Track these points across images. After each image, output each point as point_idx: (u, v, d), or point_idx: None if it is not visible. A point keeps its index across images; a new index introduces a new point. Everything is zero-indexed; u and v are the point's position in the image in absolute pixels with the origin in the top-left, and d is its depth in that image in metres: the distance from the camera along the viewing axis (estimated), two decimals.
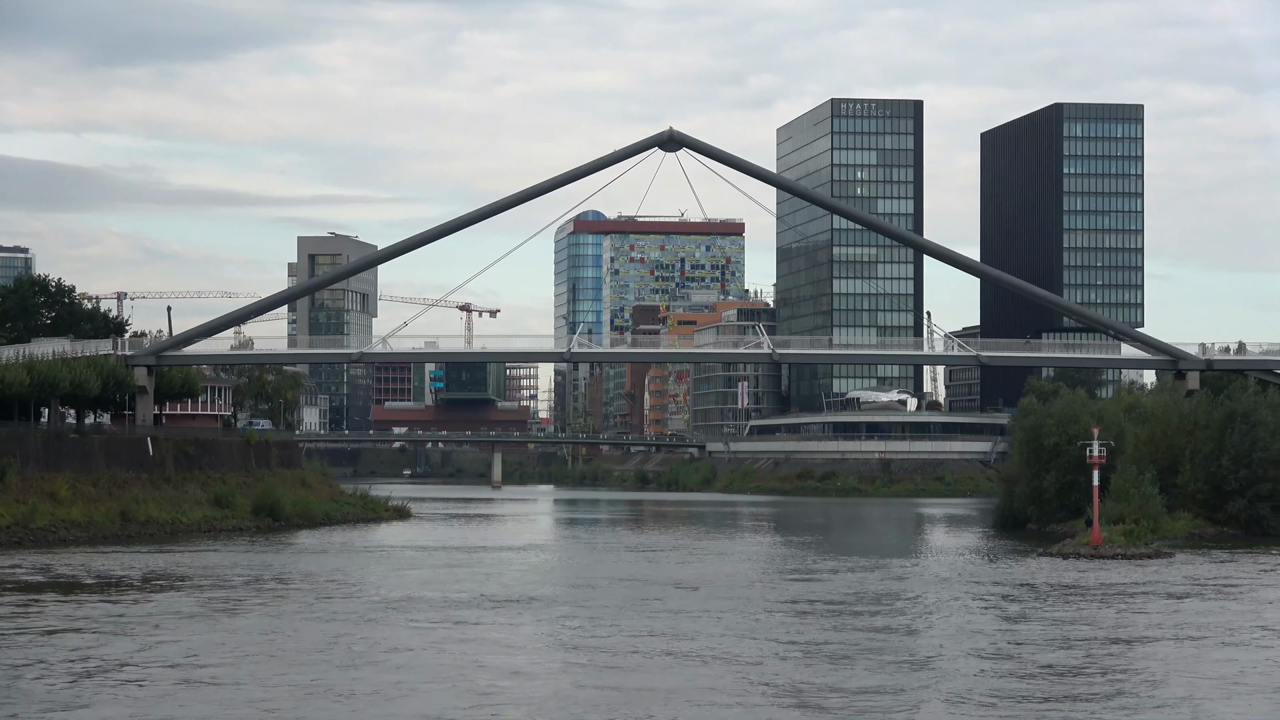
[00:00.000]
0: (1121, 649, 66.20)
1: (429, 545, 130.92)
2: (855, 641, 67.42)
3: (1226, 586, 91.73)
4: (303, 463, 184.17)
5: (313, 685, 55.73)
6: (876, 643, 67.09)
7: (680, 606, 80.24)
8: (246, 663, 60.32)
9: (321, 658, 61.95)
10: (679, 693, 54.37)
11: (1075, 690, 56.23)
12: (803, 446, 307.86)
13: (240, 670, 58.72)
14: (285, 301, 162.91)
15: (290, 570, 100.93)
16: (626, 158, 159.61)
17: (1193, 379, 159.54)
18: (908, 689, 55.87)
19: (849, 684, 56.47)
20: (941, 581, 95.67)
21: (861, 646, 65.82)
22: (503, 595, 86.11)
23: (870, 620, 75.10)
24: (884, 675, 58.47)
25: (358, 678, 57.32)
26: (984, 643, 67.56)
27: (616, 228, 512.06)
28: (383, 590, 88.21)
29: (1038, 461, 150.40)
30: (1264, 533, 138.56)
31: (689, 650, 64.06)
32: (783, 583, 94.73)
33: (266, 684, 55.86)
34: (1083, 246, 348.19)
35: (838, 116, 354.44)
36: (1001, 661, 62.36)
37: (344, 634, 68.54)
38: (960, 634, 70.52)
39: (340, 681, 56.56)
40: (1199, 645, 67.55)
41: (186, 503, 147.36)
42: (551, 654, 64.80)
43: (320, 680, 56.73)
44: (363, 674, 58.15)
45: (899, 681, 57.19)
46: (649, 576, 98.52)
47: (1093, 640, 68.42)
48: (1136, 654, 65.04)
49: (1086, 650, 65.51)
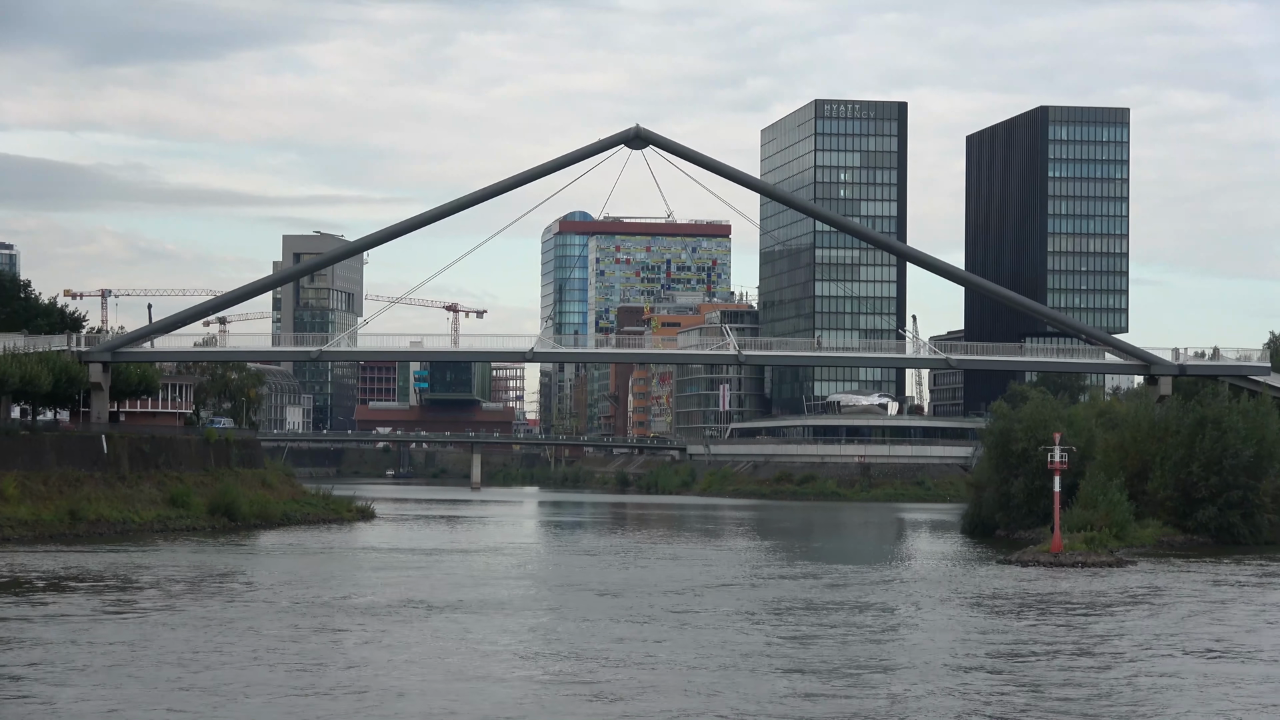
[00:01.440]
0: (1046, 663, 63.80)
1: (377, 547, 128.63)
2: (772, 653, 65.12)
3: (1175, 598, 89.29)
4: (265, 462, 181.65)
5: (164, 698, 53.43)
6: (792, 653, 64.77)
7: (594, 615, 77.92)
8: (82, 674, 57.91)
9: (181, 670, 59.56)
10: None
11: (989, 709, 53.95)
12: (782, 450, 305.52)
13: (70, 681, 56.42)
14: (246, 298, 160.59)
15: (211, 570, 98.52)
16: (592, 155, 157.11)
17: (1165, 384, 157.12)
18: (814, 702, 53.59)
19: (748, 699, 54.18)
20: (886, 589, 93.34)
21: (775, 658, 63.52)
22: (424, 600, 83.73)
23: (794, 629, 72.77)
24: (790, 689, 56.16)
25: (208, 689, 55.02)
26: (902, 656, 65.23)
27: (602, 229, 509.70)
28: (284, 594, 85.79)
29: (1006, 467, 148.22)
30: (1234, 541, 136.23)
31: (613, 675, 61.71)
32: (719, 591, 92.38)
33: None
34: (1067, 251, 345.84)
35: (821, 118, 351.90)
36: (906, 672, 60.06)
37: (220, 642, 66.06)
38: (881, 645, 68.19)
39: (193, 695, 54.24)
40: (1132, 661, 65.23)
41: (140, 502, 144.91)
42: (464, 666, 62.43)
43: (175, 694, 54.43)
44: (210, 682, 55.83)
45: (804, 694, 54.93)
46: (585, 583, 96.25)
47: (1016, 655, 66.06)
48: (1067, 668, 62.70)
49: (1008, 664, 63.17)
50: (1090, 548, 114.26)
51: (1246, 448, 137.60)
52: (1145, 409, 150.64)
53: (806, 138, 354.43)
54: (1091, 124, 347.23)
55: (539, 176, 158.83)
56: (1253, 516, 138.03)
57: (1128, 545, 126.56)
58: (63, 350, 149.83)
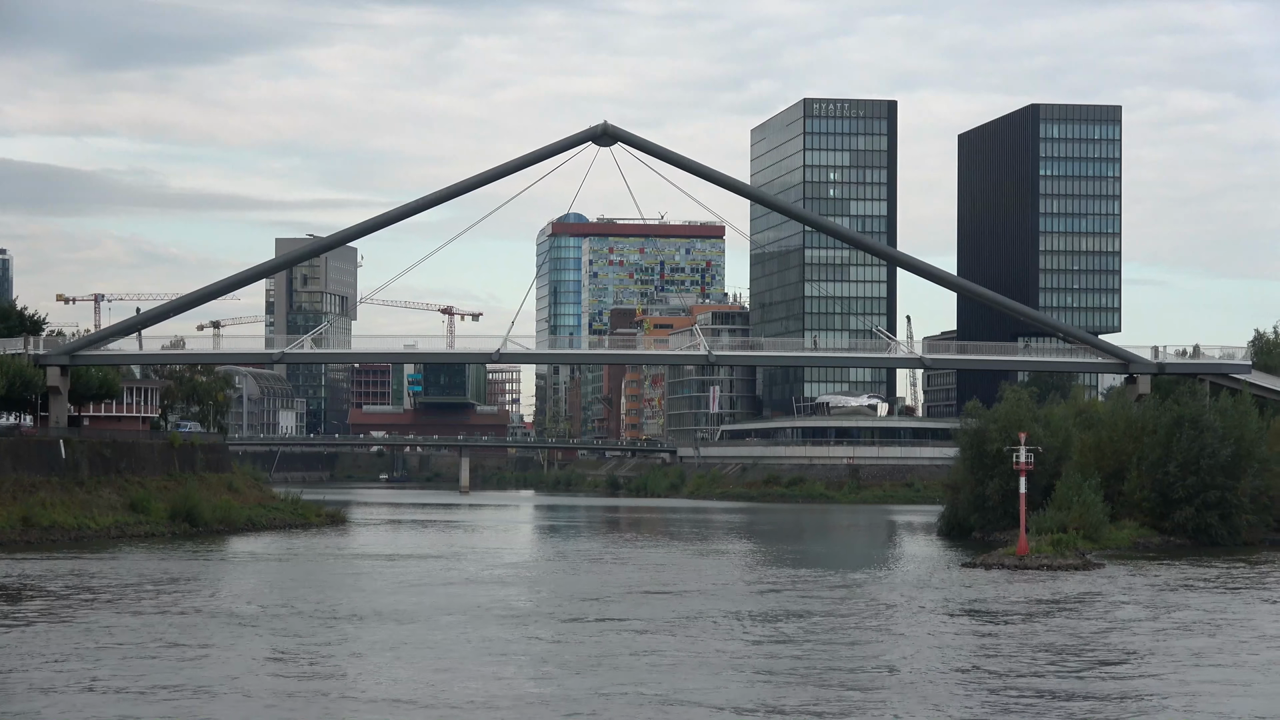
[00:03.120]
0: (965, 673, 61.10)
1: (324, 554, 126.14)
2: (709, 657, 62.53)
3: (1128, 602, 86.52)
4: (233, 467, 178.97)
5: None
6: (731, 659, 62.18)
7: (507, 636, 75.32)
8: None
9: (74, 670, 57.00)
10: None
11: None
12: (770, 452, 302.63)
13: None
14: (209, 298, 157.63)
15: (143, 576, 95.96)
16: (560, 152, 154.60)
17: (1144, 383, 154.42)
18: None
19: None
20: (838, 595, 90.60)
21: (713, 662, 60.91)
22: (347, 611, 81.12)
23: (741, 636, 70.15)
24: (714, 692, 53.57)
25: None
26: (823, 664, 62.57)
27: (595, 230, 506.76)
28: (187, 600, 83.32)
29: (981, 468, 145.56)
30: (1212, 542, 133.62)
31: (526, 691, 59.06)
32: (675, 599, 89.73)
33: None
34: (1058, 250, 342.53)
35: (810, 117, 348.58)
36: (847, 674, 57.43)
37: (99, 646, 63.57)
38: (808, 655, 65.51)
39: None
40: (1074, 669, 62.52)
41: (98, 507, 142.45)
42: (366, 678, 59.81)
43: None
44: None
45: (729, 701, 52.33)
46: (529, 592, 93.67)
47: (944, 661, 63.43)
48: (984, 675, 59.98)
49: (931, 673, 60.49)
50: (1057, 550, 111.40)
51: (1224, 447, 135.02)
52: (1122, 408, 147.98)
53: (795, 137, 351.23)
54: (1083, 122, 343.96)
55: (505, 174, 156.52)
56: (1231, 517, 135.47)
57: (1102, 547, 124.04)
58: (19, 354, 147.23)
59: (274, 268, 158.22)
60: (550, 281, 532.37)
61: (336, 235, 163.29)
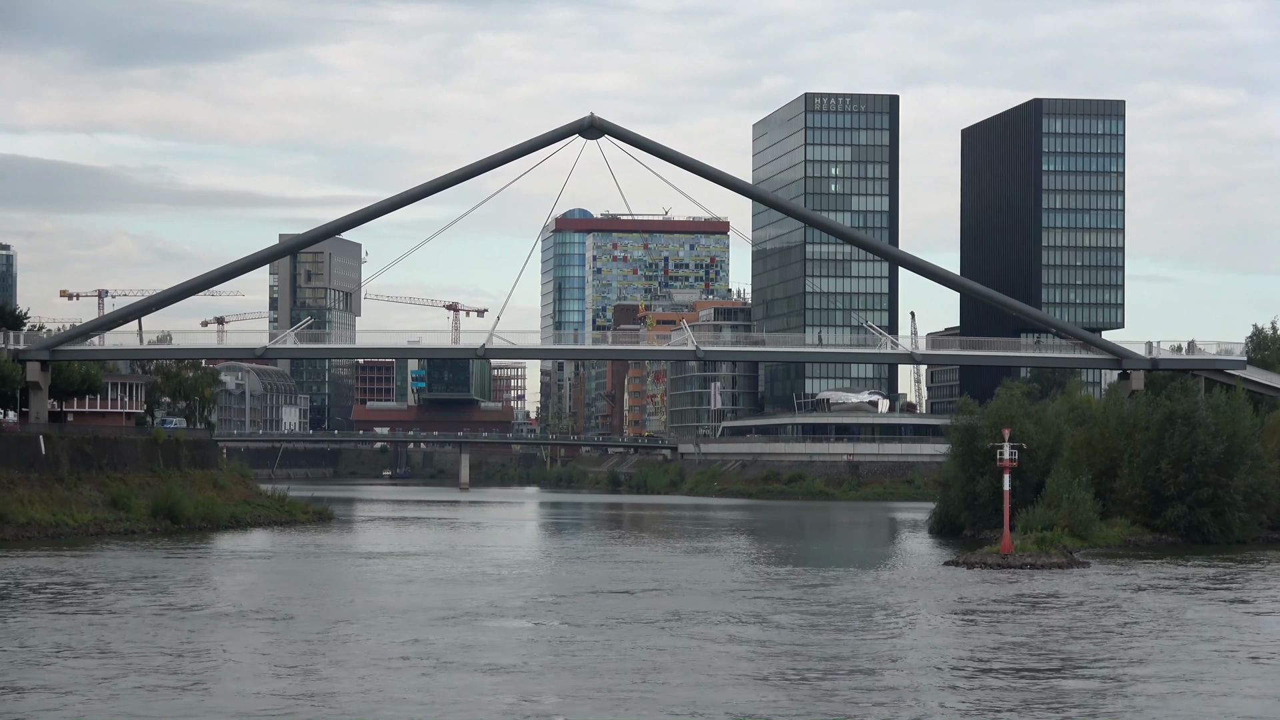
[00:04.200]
0: (913, 677, 59.27)
1: (308, 551, 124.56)
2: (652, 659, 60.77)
3: (1109, 601, 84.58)
4: (220, 463, 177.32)
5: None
6: (667, 659, 60.40)
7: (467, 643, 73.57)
8: None
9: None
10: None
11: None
12: (770, 448, 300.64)
13: None
14: (191, 292, 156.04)
15: (102, 574, 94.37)
16: (546, 145, 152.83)
17: (1138, 379, 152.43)
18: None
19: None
20: (813, 594, 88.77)
21: (656, 664, 59.17)
22: (268, 611, 79.47)
23: (685, 638, 68.38)
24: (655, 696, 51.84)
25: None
26: (777, 668, 60.83)
27: (599, 226, 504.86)
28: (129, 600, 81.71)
29: (972, 465, 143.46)
30: (1205, 540, 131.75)
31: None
32: (637, 599, 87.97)
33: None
34: (1061, 245, 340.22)
35: (811, 112, 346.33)
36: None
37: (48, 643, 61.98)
38: (773, 657, 63.76)
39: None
40: (1034, 670, 60.63)
41: (77, 504, 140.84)
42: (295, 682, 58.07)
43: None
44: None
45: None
46: (457, 605, 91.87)
47: (895, 664, 61.63)
48: (964, 678, 58.20)
49: (880, 676, 58.69)
50: (1041, 548, 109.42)
51: (1217, 444, 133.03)
52: (1114, 404, 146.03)
53: (796, 132, 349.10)
54: (1086, 116, 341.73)
55: (493, 167, 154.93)
56: (1223, 515, 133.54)
57: (1092, 545, 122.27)
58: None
59: (255, 262, 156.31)
60: (555, 278, 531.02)
61: (319, 229, 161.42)
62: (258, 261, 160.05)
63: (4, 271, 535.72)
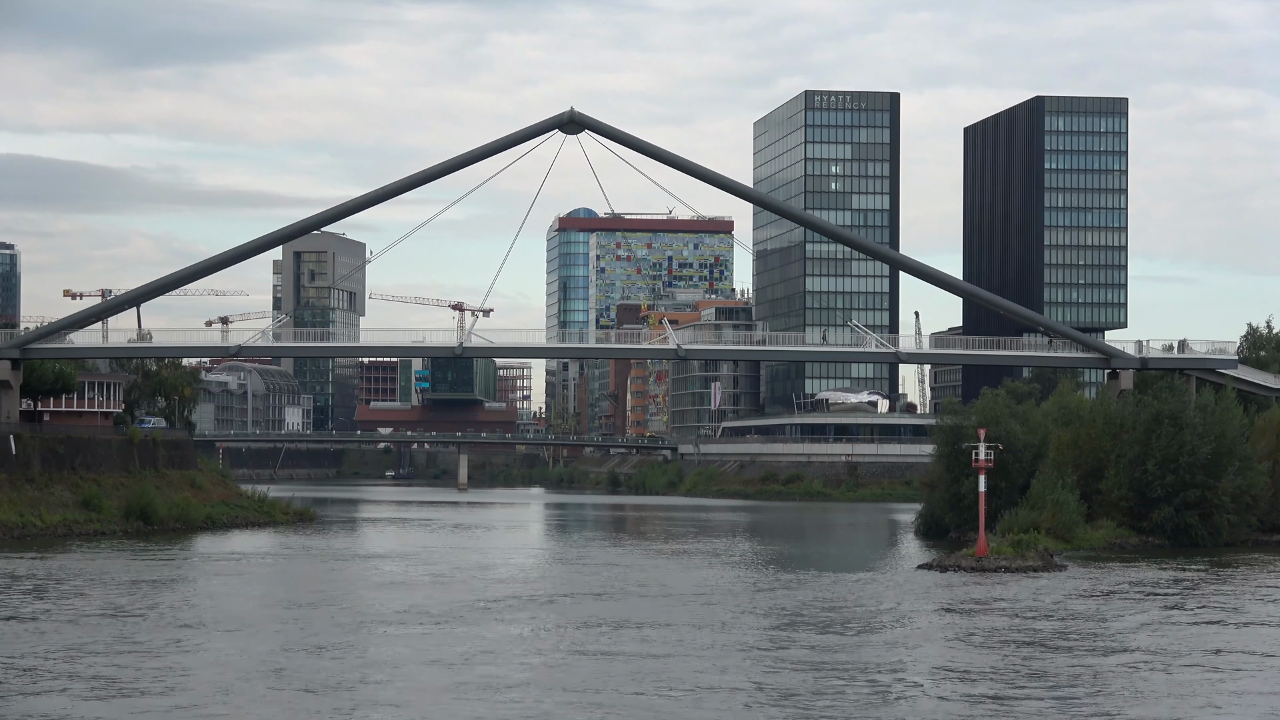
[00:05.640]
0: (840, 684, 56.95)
1: (248, 553, 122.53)
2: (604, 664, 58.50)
3: (1073, 609, 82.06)
4: (200, 463, 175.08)
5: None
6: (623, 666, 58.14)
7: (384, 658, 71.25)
8: None
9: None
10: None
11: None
12: (768, 449, 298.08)
13: None
14: (171, 287, 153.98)
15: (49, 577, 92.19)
16: (526, 139, 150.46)
17: (1127, 378, 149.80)
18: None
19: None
20: (767, 599, 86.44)
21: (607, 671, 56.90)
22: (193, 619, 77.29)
23: (632, 641, 66.10)
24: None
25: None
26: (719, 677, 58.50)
27: (603, 225, 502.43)
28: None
29: (957, 466, 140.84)
30: (1192, 543, 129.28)
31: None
32: (604, 602, 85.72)
33: None
34: (1064, 244, 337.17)
35: (811, 109, 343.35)
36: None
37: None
38: (719, 662, 61.45)
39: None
40: (982, 676, 58.28)
41: (48, 505, 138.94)
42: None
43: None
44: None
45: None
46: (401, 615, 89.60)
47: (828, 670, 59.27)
48: (903, 686, 55.84)
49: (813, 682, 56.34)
50: (1017, 551, 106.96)
51: (1204, 445, 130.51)
52: (1101, 404, 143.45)
53: (796, 130, 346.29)
54: (1088, 114, 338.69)
55: (473, 161, 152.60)
56: (1211, 517, 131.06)
57: (1075, 548, 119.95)
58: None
59: (236, 256, 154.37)
60: (560, 277, 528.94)
61: (302, 222, 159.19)
62: (240, 256, 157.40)
63: (7, 271, 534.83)
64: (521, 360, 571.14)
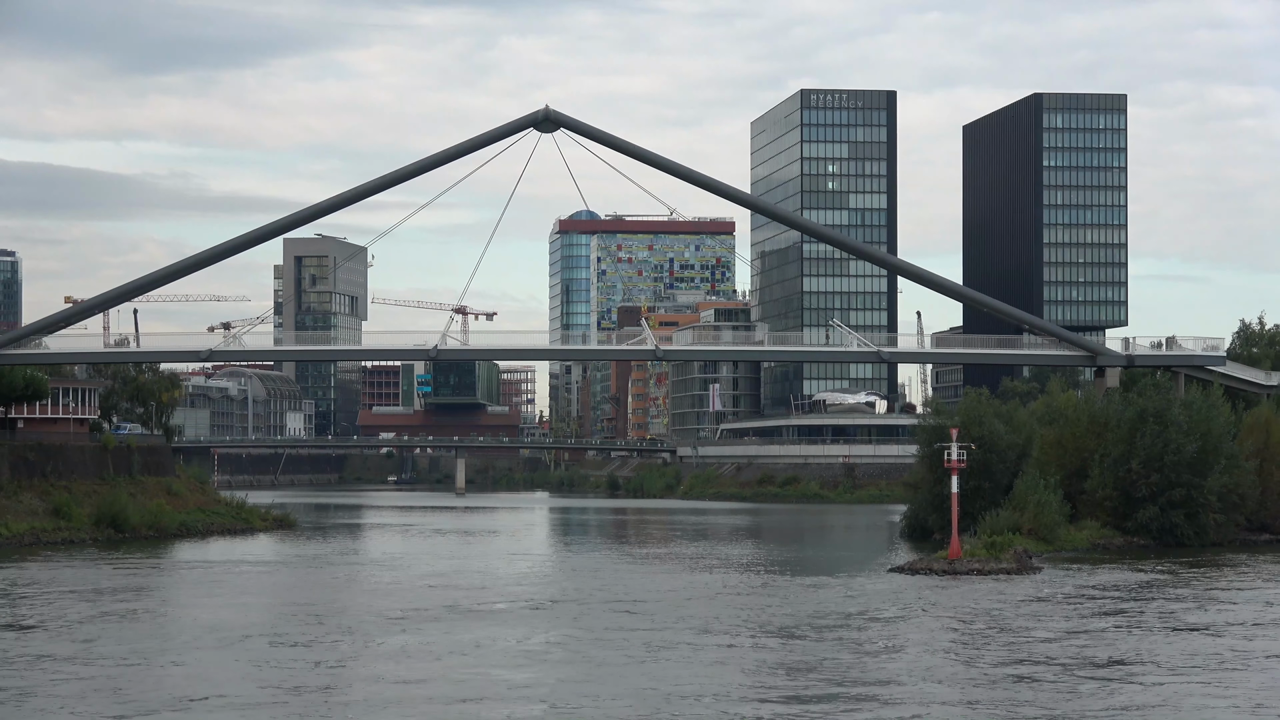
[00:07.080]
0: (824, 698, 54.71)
1: (209, 561, 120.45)
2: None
3: (1036, 616, 79.57)
4: (177, 469, 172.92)
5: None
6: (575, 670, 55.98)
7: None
8: None
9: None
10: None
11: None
12: (765, 451, 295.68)
13: None
14: (150, 288, 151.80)
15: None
16: (500, 138, 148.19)
17: (1113, 376, 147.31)
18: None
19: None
20: (729, 604, 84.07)
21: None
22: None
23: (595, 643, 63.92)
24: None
25: None
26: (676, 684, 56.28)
27: (604, 227, 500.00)
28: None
29: (939, 467, 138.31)
30: (1177, 543, 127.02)
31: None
32: (578, 607, 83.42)
33: None
34: (1063, 242, 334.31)
35: (807, 108, 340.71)
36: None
37: None
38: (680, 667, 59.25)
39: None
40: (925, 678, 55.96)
41: (15, 513, 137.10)
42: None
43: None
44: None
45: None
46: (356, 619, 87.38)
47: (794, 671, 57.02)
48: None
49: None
50: (992, 553, 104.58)
51: (1190, 443, 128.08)
52: (1086, 403, 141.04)
53: (793, 129, 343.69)
54: (1087, 111, 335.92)
55: (447, 160, 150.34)
56: (1197, 516, 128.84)
57: (1057, 549, 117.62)
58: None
59: (224, 251, 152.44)
60: (562, 279, 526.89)
61: (291, 216, 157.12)
62: (227, 252, 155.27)
63: (8, 278, 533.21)
64: (524, 364, 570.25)
